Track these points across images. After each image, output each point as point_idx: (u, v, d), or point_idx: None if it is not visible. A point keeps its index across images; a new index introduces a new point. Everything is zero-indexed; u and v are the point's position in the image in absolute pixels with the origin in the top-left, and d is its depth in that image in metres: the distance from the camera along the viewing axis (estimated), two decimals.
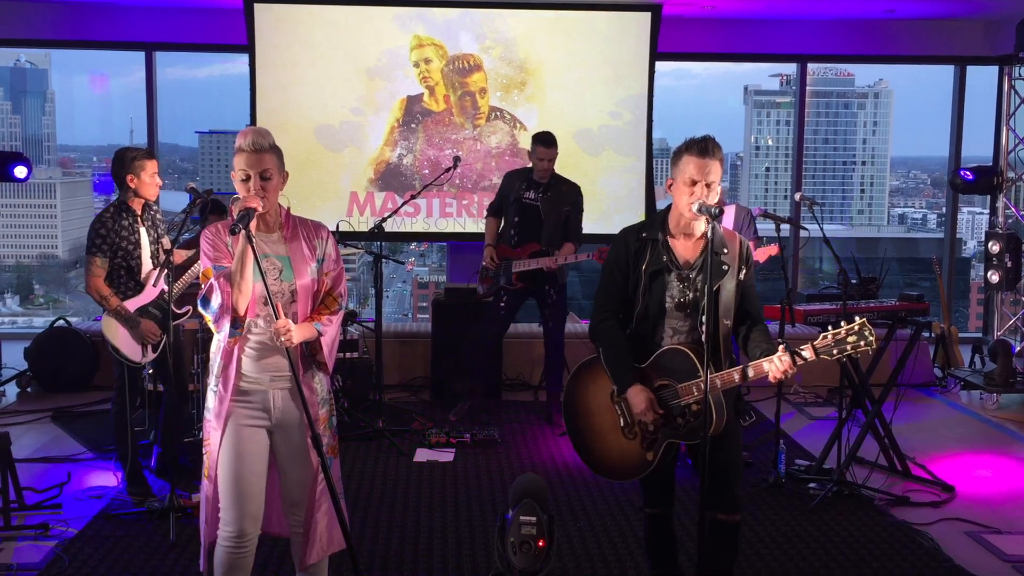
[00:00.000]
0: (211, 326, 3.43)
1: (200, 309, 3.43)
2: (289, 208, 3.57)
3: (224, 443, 3.40)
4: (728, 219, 6.27)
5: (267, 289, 3.25)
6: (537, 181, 6.49)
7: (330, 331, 3.49)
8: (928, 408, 7.49)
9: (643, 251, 3.54)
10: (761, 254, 6.28)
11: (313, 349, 3.48)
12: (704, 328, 3.38)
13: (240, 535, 3.40)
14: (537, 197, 6.49)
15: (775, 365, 3.35)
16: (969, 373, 8.04)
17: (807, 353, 3.36)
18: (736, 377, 3.41)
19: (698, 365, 3.39)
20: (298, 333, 3.34)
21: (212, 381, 3.46)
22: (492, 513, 5.08)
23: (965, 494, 5.53)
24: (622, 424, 3.61)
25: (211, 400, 3.47)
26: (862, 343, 3.30)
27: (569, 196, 6.55)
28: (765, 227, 6.46)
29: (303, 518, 3.54)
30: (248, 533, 3.41)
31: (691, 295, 3.51)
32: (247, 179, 3.34)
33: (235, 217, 3.23)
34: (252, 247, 3.24)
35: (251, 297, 3.34)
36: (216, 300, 3.34)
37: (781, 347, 3.38)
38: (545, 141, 6.43)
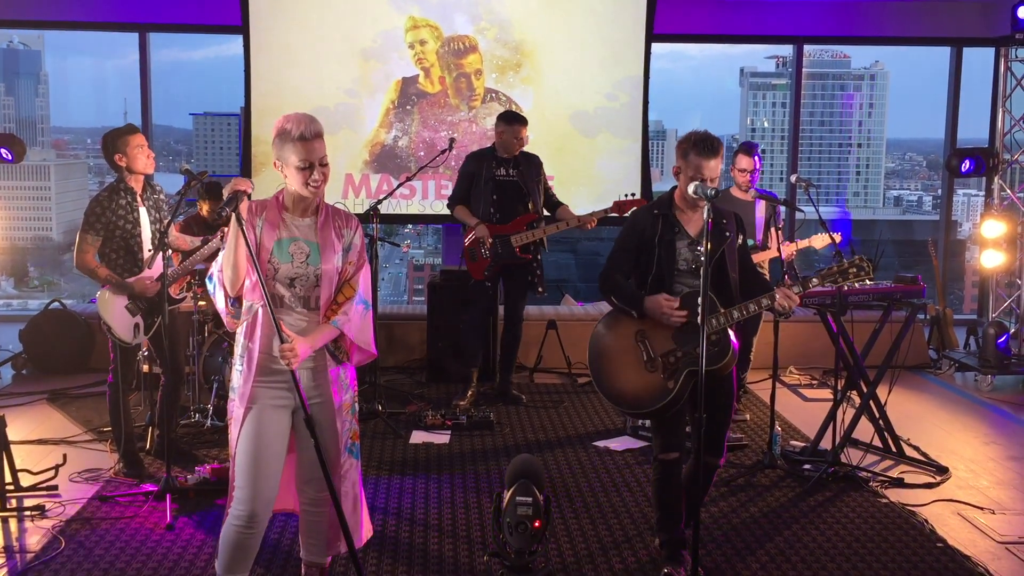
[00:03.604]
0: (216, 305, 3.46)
1: (207, 284, 3.47)
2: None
3: (246, 423, 3.42)
4: (759, 213, 6.40)
5: (262, 282, 3.27)
6: (504, 158, 6.59)
7: (350, 322, 3.50)
8: (923, 390, 7.51)
9: (656, 225, 4.07)
10: (819, 240, 6.32)
11: (341, 343, 3.54)
12: (700, 303, 3.71)
13: (252, 515, 3.41)
14: (511, 172, 6.58)
15: (780, 294, 3.97)
16: (964, 355, 8.06)
17: (816, 280, 4.05)
18: (752, 308, 3.97)
19: (716, 302, 3.94)
20: (306, 346, 3.37)
21: (237, 360, 3.49)
22: (488, 494, 5.09)
23: (959, 475, 5.55)
24: (645, 359, 4.03)
25: (236, 379, 3.50)
26: (862, 273, 4.01)
27: (538, 165, 6.75)
28: (827, 212, 6.53)
29: (326, 497, 3.59)
30: (259, 514, 3.43)
31: (699, 259, 3.96)
32: (308, 167, 3.36)
33: (224, 200, 3.25)
34: (242, 229, 3.24)
35: (242, 280, 3.36)
36: (216, 279, 3.38)
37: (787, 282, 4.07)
38: (523, 120, 6.60)
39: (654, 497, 4.21)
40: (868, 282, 4.04)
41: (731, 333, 3.97)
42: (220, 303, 3.44)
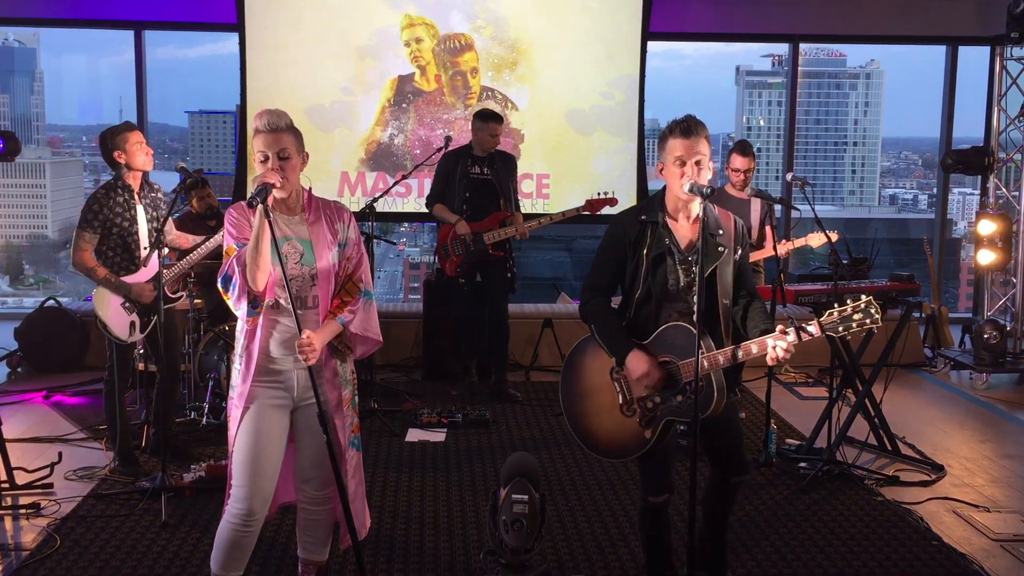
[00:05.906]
0: (230, 304, 3.42)
1: (220, 287, 3.43)
2: (311, 189, 3.57)
3: (245, 422, 3.42)
4: (755, 211, 6.37)
5: (284, 274, 3.27)
6: (479, 156, 6.63)
7: (355, 320, 3.51)
8: (918, 388, 7.52)
9: (644, 234, 3.53)
10: (815, 240, 6.33)
11: (344, 338, 3.54)
12: (696, 308, 3.38)
13: (249, 514, 3.41)
14: (485, 171, 6.63)
15: (774, 349, 3.33)
16: (959, 353, 8.07)
17: (813, 329, 3.33)
18: (740, 354, 3.39)
19: (699, 342, 3.34)
20: (320, 341, 3.37)
21: (236, 359, 3.49)
22: (484, 492, 5.09)
23: (954, 473, 5.56)
24: (621, 401, 3.59)
25: (235, 377, 3.50)
26: (868, 320, 3.26)
27: (512, 164, 6.82)
28: (822, 209, 6.51)
29: (324, 495, 3.64)
30: (256, 513, 3.43)
31: (692, 278, 3.50)
32: (265, 160, 3.34)
33: (253, 191, 3.23)
34: (269, 222, 3.23)
35: (269, 275, 3.34)
36: (236, 278, 3.34)
37: (780, 327, 3.36)
38: (498, 118, 6.64)
39: (644, 540, 3.88)
40: (875, 330, 3.30)
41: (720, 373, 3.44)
42: (241, 305, 3.36)
